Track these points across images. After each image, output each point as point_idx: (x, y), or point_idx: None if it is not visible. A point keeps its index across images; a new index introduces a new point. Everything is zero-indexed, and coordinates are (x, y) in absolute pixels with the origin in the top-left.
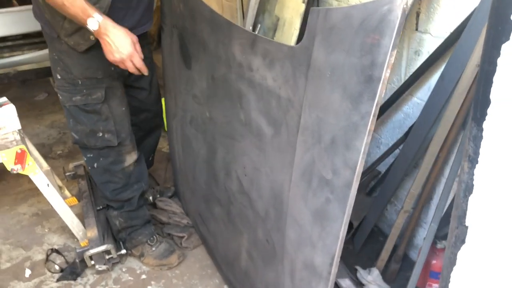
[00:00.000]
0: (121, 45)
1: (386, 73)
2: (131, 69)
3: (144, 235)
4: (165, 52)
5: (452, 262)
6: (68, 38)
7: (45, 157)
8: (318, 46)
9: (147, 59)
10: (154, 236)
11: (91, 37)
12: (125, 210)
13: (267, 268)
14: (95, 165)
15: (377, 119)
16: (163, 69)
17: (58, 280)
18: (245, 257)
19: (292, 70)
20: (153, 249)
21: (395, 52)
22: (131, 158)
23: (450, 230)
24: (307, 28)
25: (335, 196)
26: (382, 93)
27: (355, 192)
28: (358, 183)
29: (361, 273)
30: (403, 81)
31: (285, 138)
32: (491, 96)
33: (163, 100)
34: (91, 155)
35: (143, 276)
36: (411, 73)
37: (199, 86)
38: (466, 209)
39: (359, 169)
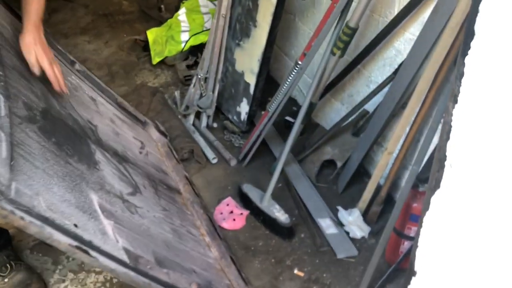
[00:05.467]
0: None
1: None
2: None
3: None
4: None
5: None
6: None
7: None
8: None
9: None
10: (8, 265)
11: None
12: None
13: None
14: None
15: (367, 55)
16: None
17: None
18: None
19: None
20: (5, 280)
21: None
22: None
23: (432, 173)
24: None
25: None
26: None
27: None
28: None
29: (342, 214)
30: (395, 14)
31: None
32: (476, 28)
33: None
34: None
35: None
36: (404, 5)
37: None
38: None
39: None
